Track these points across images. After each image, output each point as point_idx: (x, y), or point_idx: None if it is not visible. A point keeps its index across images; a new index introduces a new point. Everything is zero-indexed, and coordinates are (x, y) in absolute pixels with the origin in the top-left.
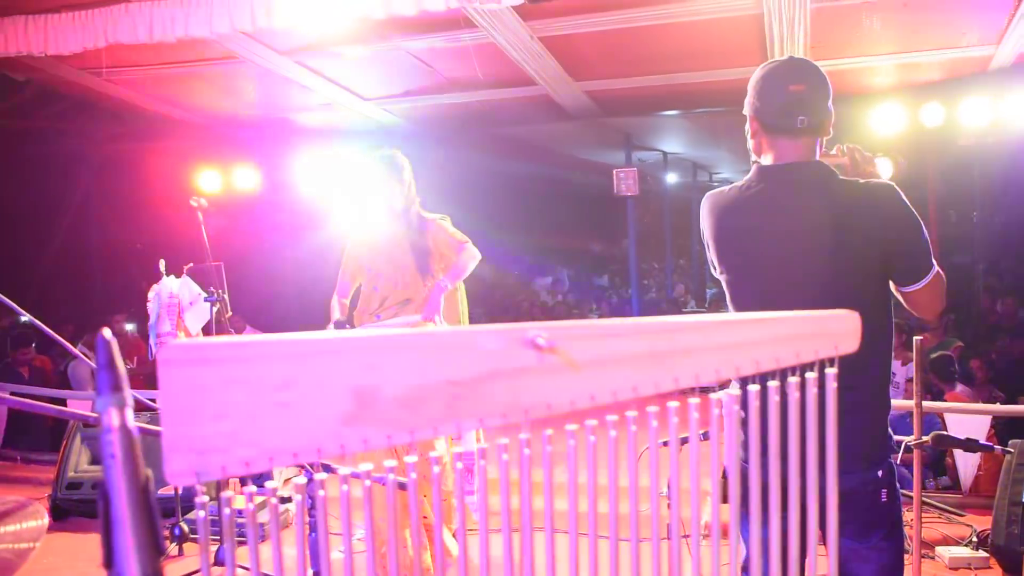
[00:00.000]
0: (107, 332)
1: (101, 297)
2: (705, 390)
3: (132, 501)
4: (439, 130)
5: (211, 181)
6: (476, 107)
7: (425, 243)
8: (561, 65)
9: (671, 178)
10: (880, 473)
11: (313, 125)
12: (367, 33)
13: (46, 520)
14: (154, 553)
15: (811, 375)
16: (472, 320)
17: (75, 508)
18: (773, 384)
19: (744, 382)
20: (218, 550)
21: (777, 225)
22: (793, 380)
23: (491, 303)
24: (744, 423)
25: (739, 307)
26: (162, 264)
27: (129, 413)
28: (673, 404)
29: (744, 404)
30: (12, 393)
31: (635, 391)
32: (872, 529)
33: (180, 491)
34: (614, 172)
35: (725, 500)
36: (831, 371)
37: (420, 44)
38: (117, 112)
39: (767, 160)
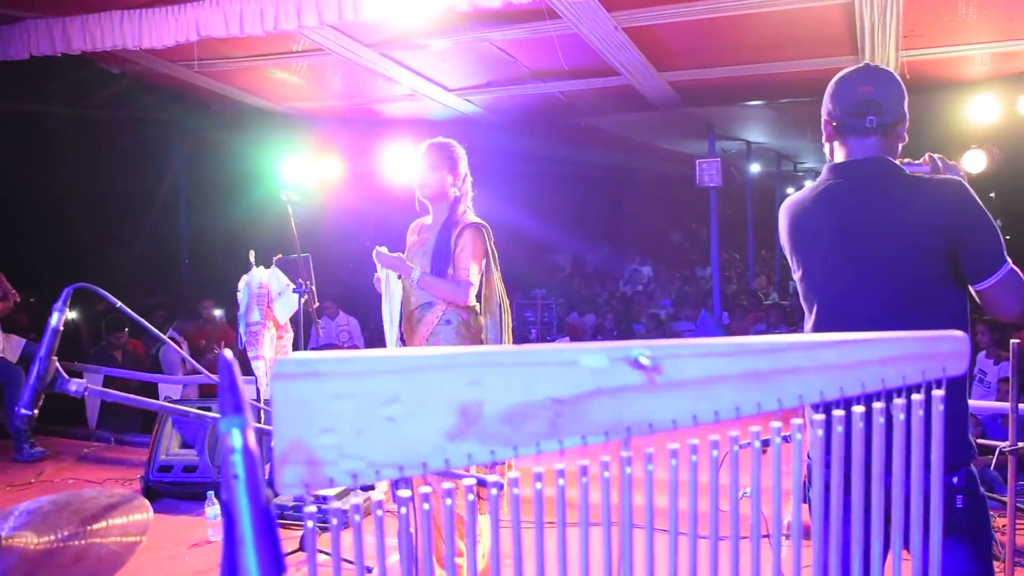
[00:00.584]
0: (228, 353)
1: (190, 283)
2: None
3: (254, 520)
4: (520, 119)
5: (297, 170)
6: (558, 97)
7: (449, 246)
8: (644, 56)
9: (754, 167)
10: (956, 479)
11: (396, 115)
12: (451, 25)
13: (151, 514)
14: (275, 571)
15: (916, 396)
16: (548, 311)
17: (166, 490)
18: (877, 405)
19: (839, 404)
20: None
21: (845, 220)
22: (899, 402)
23: (569, 293)
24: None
25: (813, 304)
26: (252, 255)
27: (251, 434)
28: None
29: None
30: (106, 378)
31: (737, 411)
32: (947, 535)
33: None
34: (696, 163)
35: (806, 501)
36: (938, 393)
37: (503, 35)
38: (207, 102)
39: (838, 160)
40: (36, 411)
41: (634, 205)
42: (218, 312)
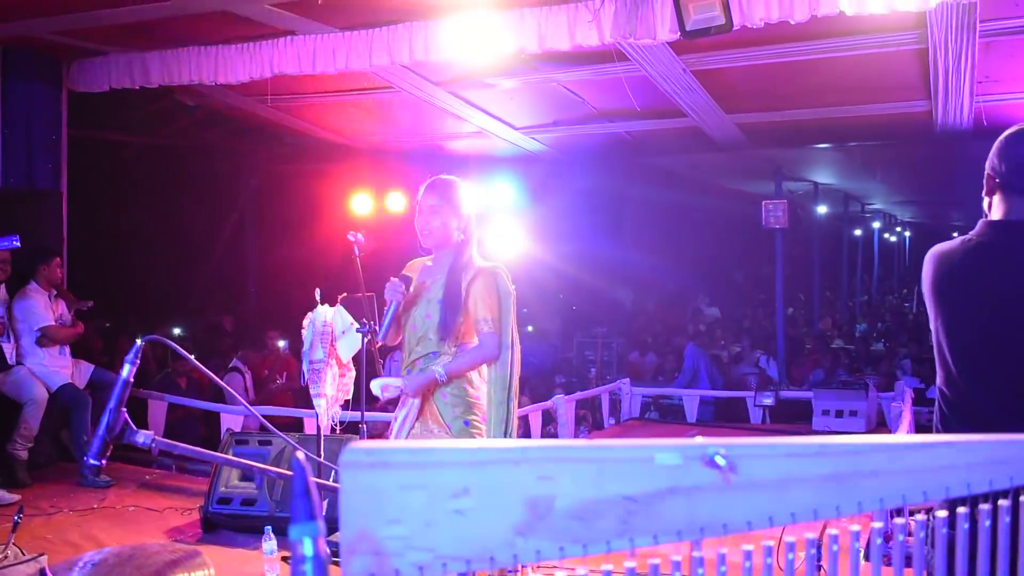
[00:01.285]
0: (301, 455)
1: (256, 311)
2: None
3: None
4: (585, 158)
5: (364, 204)
6: (624, 136)
7: (458, 296)
8: (712, 98)
9: (821, 208)
10: None
11: (463, 151)
12: (520, 65)
13: (212, 571)
14: None
15: (1002, 502)
16: (608, 350)
17: (224, 522)
18: (961, 510)
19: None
20: None
21: (996, 283)
22: (1004, 503)
23: (631, 332)
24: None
25: (947, 361)
26: (318, 293)
27: (323, 543)
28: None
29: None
30: (170, 404)
31: (815, 514)
32: None
33: None
34: (763, 204)
35: None
36: None
37: (571, 76)
38: (278, 135)
39: (996, 216)
40: (104, 461)
41: (698, 243)
42: (282, 343)
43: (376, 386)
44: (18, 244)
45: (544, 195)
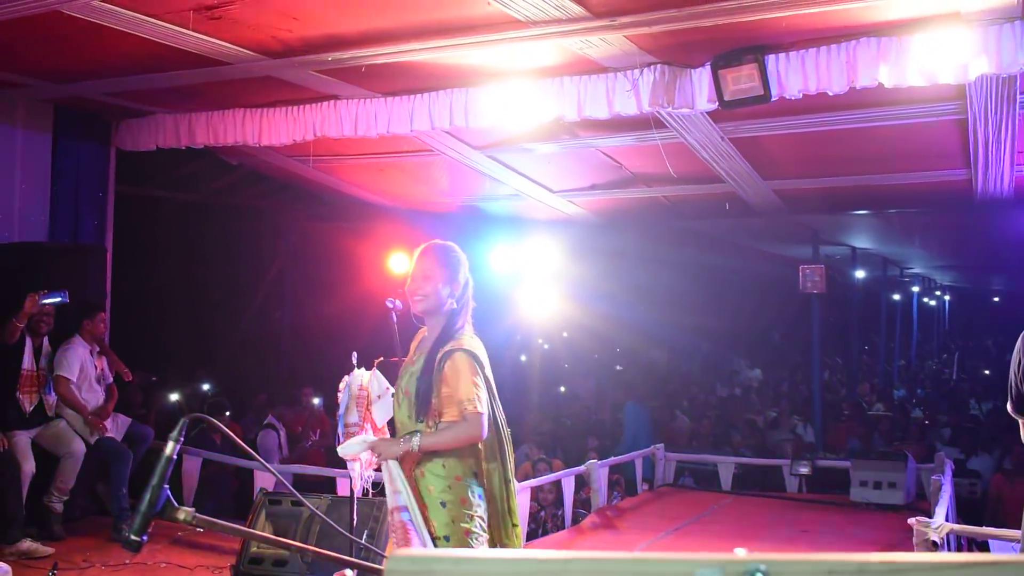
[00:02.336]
0: None
1: (290, 369)
2: None
3: None
4: (622, 221)
5: (401, 264)
6: (661, 201)
7: (431, 372)
8: (750, 165)
9: (859, 273)
10: None
11: (500, 213)
12: (559, 131)
13: None
14: None
15: None
16: (642, 411)
17: None
18: None
19: None
20: None
21: None
22: None
23: (664, 394)
24: None
25: None
26: (354, 356)
27: None
28: None
29: None
30: (204, 460)
31: None
32: None
33: None
34: (800, 268)
35: None
36: None
37: (609, 142)
38: (317, 194)
39: None
40: (145, 537)
41: (735, 307)
42: (316, 400)
43: (349, 448)
44: (67, 300)
45: (581, 257)
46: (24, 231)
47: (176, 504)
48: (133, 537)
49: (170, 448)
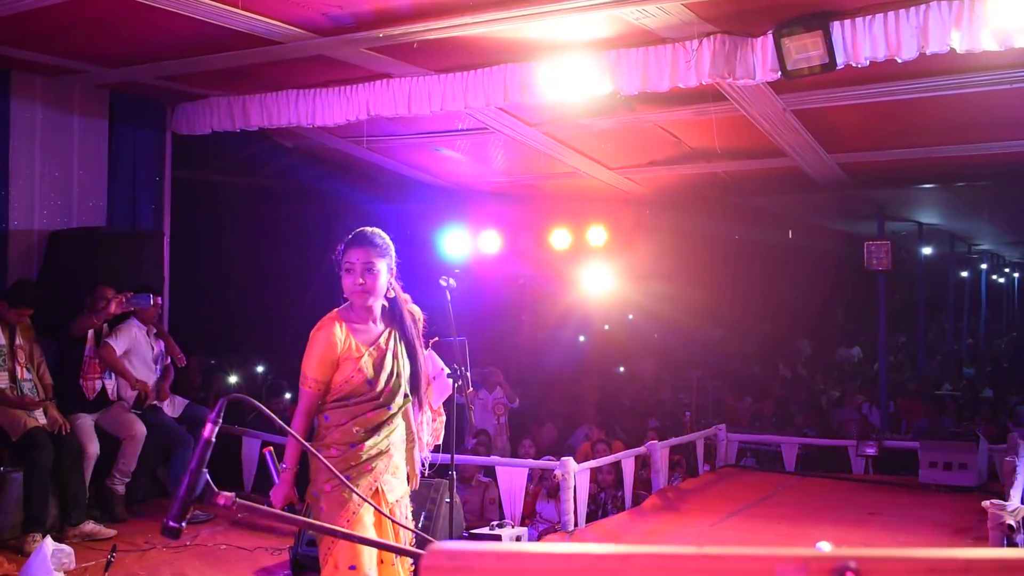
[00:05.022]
0: None
1: None
2: None
3: None
4: (680, 197)
5: (458, 244)
6: (720, 176)
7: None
8: (814, 138)
9: (926, 249)
10: None
11: (556, 191)
12: (616, 105)
13: None
14: None
15: None
16: (703, 393)
17: (313, 565)
18: None
19: None
20: None
21: None
22: None
23: (726, 375)
24: None
25: None
26: None
27: None
28: None
29: None
30: (264, 441)
31: None
32: None
33: None
34: (865, 245)
35: None
36: None
37: (668, 116)
38: (372, 176)
39: None
40: (184, 524)
41: (796, 285)
42: None
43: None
44: (151, 303)
45: (638, 235)
46: (83, 217)
47: (216, 489)
48: (171, 523)
49: (208, 431)
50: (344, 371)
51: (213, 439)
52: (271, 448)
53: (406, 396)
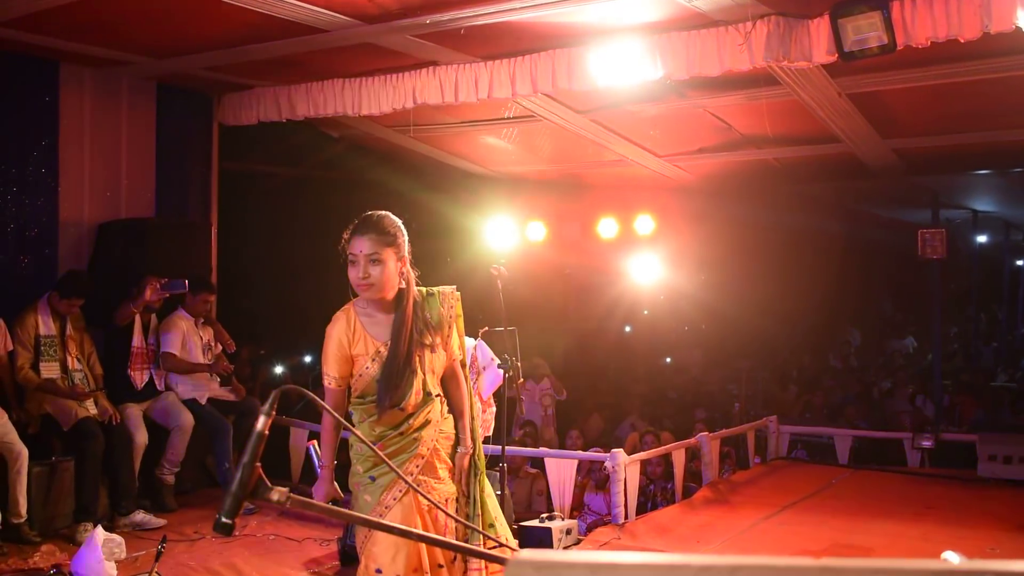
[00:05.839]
0: None
1: None
2: None
3: None
4: (729, 185)
5: (505, 233)
6: (771, 163)
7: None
8: (869, 123)
9: (980, 238)
10: None
11: (603, 180)
12: (665, 91)
13: None
14: None
15: None
16: (753, 384)
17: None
18: None
19: None
20: None
21: None
22: None
23: (774, 365)
24: None
25: None
26: None
27: None
28: None
29: None
30: (311, 432)
31: None
32: None
33: None
34: (919, 233)
35: None
36: None
37: (718, 101)
38: (418, 165)
39: None
40: (235, 520)
41: (847, 273)
42: None
43: None
44: (186, 289)
45: (686, 224)
46: (131, 208)
47: (269, 484)
48: (224, 520)
49: (261, 423)
50: (358, 367)
51: (267, 432)
52: (315, 441)
53: (428, 395)
